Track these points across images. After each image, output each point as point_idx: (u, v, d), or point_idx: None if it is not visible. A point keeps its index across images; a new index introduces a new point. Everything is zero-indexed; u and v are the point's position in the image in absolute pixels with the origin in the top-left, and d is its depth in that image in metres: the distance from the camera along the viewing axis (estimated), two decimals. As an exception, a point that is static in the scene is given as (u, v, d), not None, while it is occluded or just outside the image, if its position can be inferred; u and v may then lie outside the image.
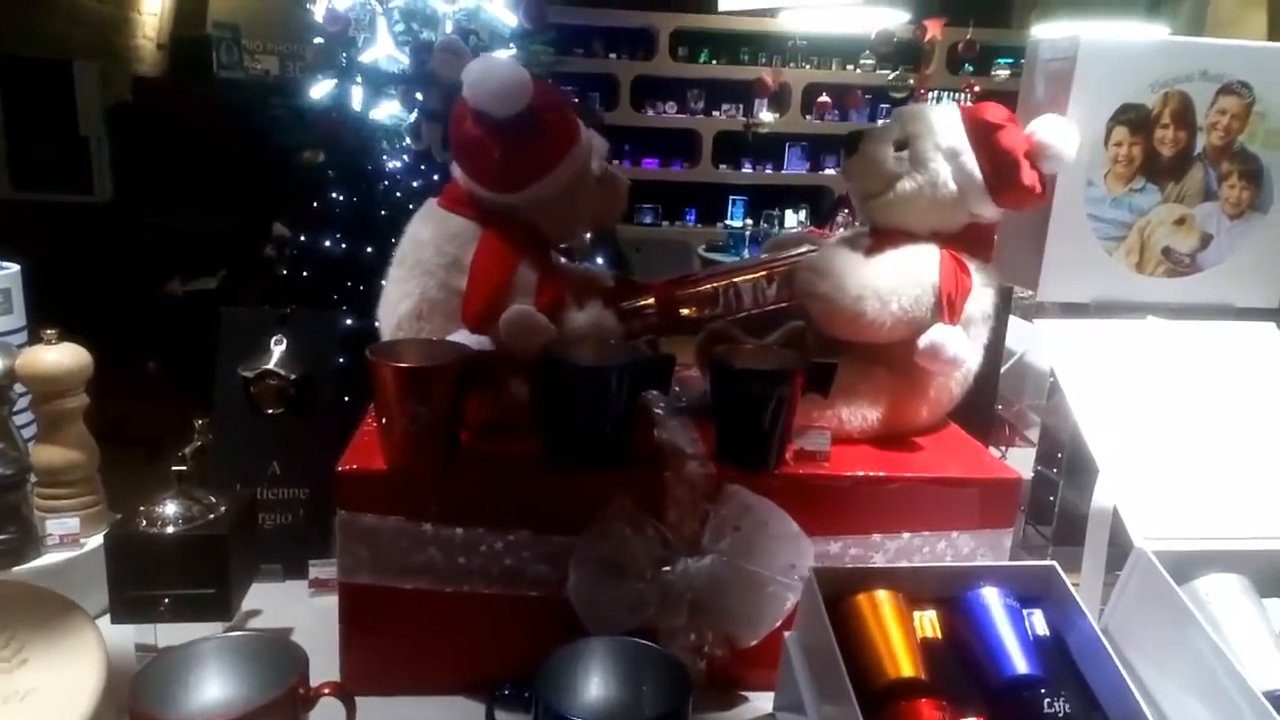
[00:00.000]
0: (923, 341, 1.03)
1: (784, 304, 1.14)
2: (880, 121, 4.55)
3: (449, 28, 2.16)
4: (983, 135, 1.07)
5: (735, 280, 1.14)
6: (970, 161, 1.06)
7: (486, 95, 0.97)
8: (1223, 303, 1.23)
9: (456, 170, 1.06)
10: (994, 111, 1.09)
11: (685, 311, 1.14)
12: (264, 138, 2.21)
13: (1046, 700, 0.83)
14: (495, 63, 1.00)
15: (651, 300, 1.14)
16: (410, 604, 0.96)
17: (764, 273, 1.14)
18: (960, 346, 1.04)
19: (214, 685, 0.84)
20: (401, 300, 1.04)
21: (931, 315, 1.04)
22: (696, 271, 1.22)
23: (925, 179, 1.07)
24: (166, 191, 3.81)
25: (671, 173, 6.73)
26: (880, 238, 1.11)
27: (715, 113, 6.68)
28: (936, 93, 4.41)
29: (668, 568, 0.94)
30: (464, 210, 1.05)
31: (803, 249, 1.16)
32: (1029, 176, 1.06)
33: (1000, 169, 1.06)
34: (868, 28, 4.78)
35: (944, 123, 1.08)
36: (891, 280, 1.04)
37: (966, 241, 1.09)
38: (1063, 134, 1.07)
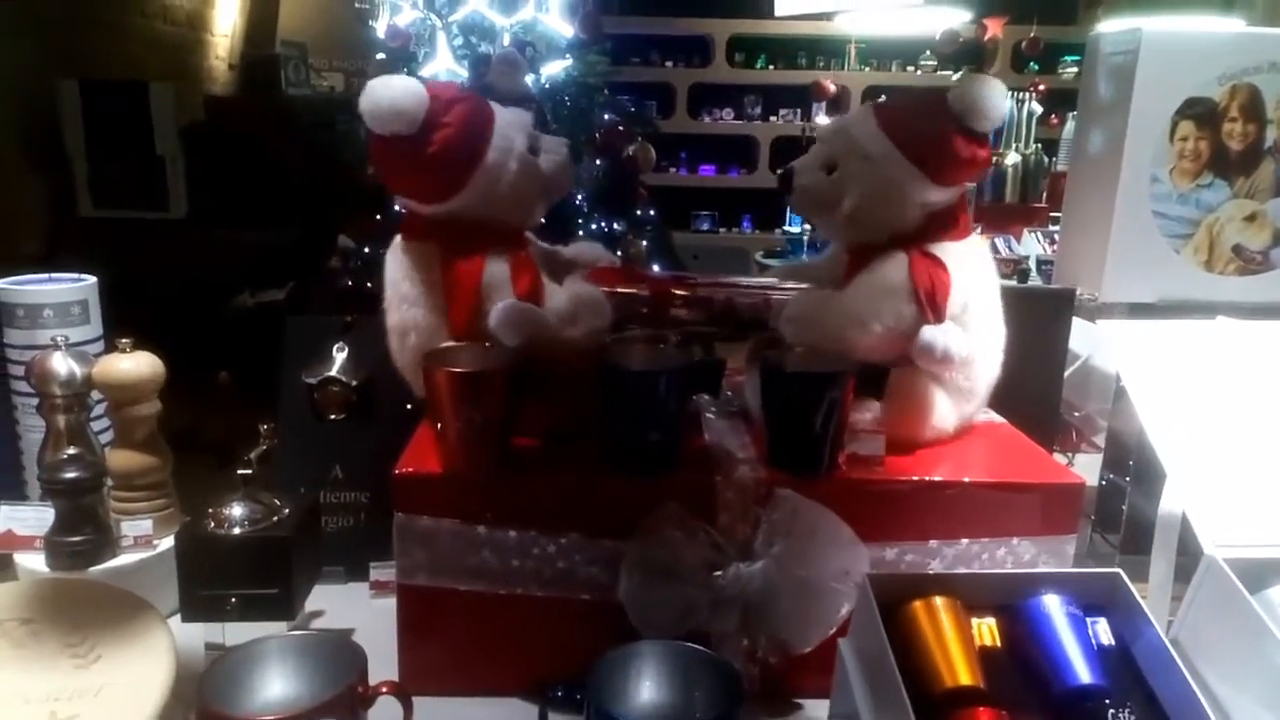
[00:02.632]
0: (914, 347, 1.02)
1: (772, 332, 1.11)
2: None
3: (506, 40, 2.20)
4: (901, 129, 1.03)
5: (734, 298, 1.14)
6: (899, 159, 1.02)
7: (384, 117, 0.97)
8: (1298, 301, 1.18)
9: (401, 200, 1.06)
10: (902, 101, 1.06)
11: (676, 312, 1.13)
12: (330, 153, 2.27)
13: (1111, 711, 0.80)
14: (382, 84, 0.98)
15: (647, 292, 1.13)
16: (465, 606, 0.98)
17: (763, 299, 1.13)
18: (952, 341, 1.01)
19: (276, 683, 0.86)
20: (404, 338, 1.06)
21: (916, 320, 1.02)
22: (696, 276, 1.21)
23: (863, 192, 1.05)
24: (238, 207, 3.94)
25: (729, 179, 6.72)
26: (850, 258, 1.10)
27: (773, 118, 6.66)
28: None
29: (719, 572, 0.94)
30: (421, 234, 1.05)
31: (805, 285, 1.14)
32: (963, 148, 1.02)
33: (929, 155, 1.02)
34: (926, 29, 4.71)
35: (862, 131, 1.05)
36: (866, 304, 1.03)
37: (934, 230, 1.06)
38: (978, 91, 1.01)
